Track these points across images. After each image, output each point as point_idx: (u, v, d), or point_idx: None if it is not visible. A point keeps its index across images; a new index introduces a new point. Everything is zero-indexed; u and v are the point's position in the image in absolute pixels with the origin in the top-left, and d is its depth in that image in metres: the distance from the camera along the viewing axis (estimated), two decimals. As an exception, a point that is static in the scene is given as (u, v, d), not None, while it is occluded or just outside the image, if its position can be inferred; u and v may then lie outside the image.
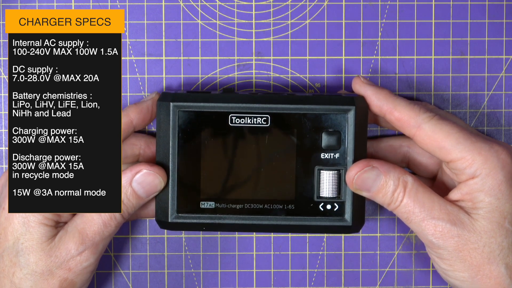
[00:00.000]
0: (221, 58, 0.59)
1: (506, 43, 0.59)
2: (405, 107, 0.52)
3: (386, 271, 0.60)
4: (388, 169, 0.52)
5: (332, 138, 0.53)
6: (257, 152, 0.54)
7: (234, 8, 0.58)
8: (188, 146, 0.54)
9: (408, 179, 0.52)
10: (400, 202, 0.52)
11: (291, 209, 0.54)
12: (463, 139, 0.51)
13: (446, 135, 0.51)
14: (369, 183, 0.52)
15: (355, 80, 0.54)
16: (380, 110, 0.53)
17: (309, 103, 0.53)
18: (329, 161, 0.54)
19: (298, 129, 0.53)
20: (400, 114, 0.52)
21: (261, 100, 0.53)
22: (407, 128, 0.52)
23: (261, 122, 0.53)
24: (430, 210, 0.51)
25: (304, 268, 0.60)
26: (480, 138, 0.51)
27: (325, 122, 0.53)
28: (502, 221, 0.51)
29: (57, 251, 0.52)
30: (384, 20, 0.59)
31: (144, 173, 0.53)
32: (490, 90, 0.59)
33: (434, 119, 0.52)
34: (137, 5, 0.58)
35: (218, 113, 0.53)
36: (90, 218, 0.53)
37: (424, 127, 0.51)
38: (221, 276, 0.60)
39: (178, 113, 0.53)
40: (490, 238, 0.51)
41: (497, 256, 0.51)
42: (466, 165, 0.51)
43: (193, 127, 0.53)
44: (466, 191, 0.51)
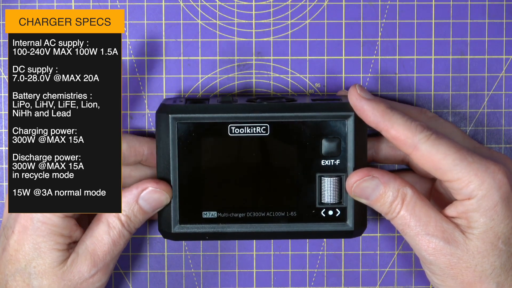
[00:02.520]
0: (221, 58, 0.59)
1: (506, 43, 0.59)
2: (402, 126, 0.51)
3: (386, 271, 0.60)
4: (388, 180, 0.52)
5: (332, 144, 0.53)
6: (257, 161, 0.54)
7: (234, 8, 0.58)
8: (188, 157, 0.53)
9: (408, 191, 0.52)
10: (397, 213, 0.52)
11: (293, 216, 0.54)
12: (459, 161, 0.50)
13: (443, 157, 0.50)
14: (368, 192, 0.52)
15: (351, 92, 0.53)
16: (376, 127, 0.52)
17: (308, 111, 0.53)
18: (330, 168, 0.54)
19: (297, 137, 0.53)
20: (396, 133, 0.51)
21: (260, 109, 0.53)
22: (403, 147, 0.51)
23: (261, 131, 0.53)
24: (425, 226, 0.51)
25: (304, 268, 0.60)
26: (477, 158, 0.51)
27: (325, 129, 0.53)
28: (496, 241, 0.50)
29: (70, 274, 0.52)
30: (384, 20, 0.58)
31: (150, 191, 0.53)
32: (490, 90, 0.59)
33: (431, 140, 0.51)
34: (137, 5, 0.58)
35: (217, 124, 0.53)
36: (100, 239, 0.53)
37: (421, 148, 0.51)
38: (221, 276, 0.60)
39: (177, 125, 0.53)
40: (483, 257, 0.50)
41: (488, 275, 0.51)
42: (463, 186, 0.50)
43: (193, 138, 0.53)
44: (462, 210, 0.51)
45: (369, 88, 0.59)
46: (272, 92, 0.59)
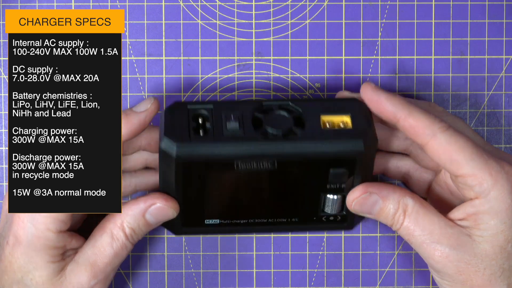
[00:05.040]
0: (221, 58, 0.59)
1: (506, 43, 0.59)
2: (421, 115, 0.50)
3: (386, 271, 0.60)
4: (387, 194, 0.52)
5: (339, 173, 0.52)
6: (263, 188, 0.53)
7: (234, 8, 0.58)
8: (192, 183, 0.53)
9: (408, 201, 0.51)
10: (401, 224, 0.51)
11: (295, 221, 0.55)
12: (476, 156, 0.49)
13: (461, 149, 0.49)
14: (368, 208, 0.52)
15: (366, 87, 0.52)
16: (393, 117, 0.51)
17: (317, 149, 0.51)
18: (335, 190, 0.53)
19: (305, 169, 0.52)
20: (415, 121, 0.50)
21: (268, 147, 0.51)
22: (420, 136, 0.50)
23: (268, 166, 0.52)
24: (430, 234, 0.51)
25: (304, 268, 0.60)
26: (492, 157, 0.50)
27: (333, 162, 0.52)
28: (505, 245, 0.50)
29: (69, 285, 0.52)
30: (384, 20, 0.58)
31: (159, 207, 0.53)
32: (490, 90, 0.59)
33: (450, 130, 0.50)
34: (137, 5, 0.58)
35: (224, 161, 0.51)
36: (102, 250, 0.53)
37: (439, 137, 0.50)
38: (221, 276, 0.60)
39: (182, 164, 0.51)
40: (491, 260, 0.50)
41: (498, 277, 0.50)
42: (476, 183, 0.50)
43: (198, 171, 0.52)
44: (472, 211, 0.50)
45: (369, 88, 0.59)
46: (272, 93, 0.59)
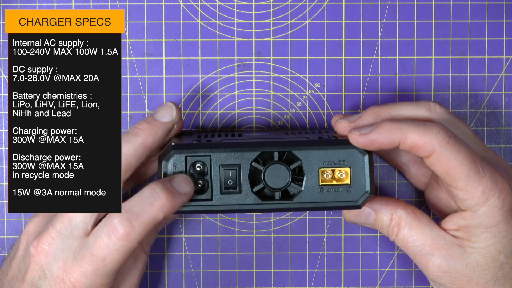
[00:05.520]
0: (221, 58, 0.59)
1: (506, 43, 0.59)
2: (415, 133, 0.49)
3: (386, 271, 0.60)
4: (379, 206, 0.53)
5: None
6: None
7: (234, 8, 0.58)
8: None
9: (401, 213, 0.52)
10: (396, 235, 0.52)
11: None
12: (473, 172, 0.49)
13: (459, 165, 0.49)
14: (363, 220, 0.54)
15: (351, 137, 0.50)
16: (393, 145, 0.50)
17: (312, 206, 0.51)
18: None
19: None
20: (412, 141, 0.49)
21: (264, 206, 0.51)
22: (422, 153, 0.50)
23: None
24: (422, 245, 0.51)
25: (304, 268, 0.60)
26: (488, 172, 0.50)
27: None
28: (497, 256, 0.50)
29: None
30: (384, 20, 0.58)
31: None
32: (490, 90, 0.59)
33: (450, 144, 0.49)
34: (137, 5, 0.58)
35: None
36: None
37: (439, 151, 0.49)
38: (221, 276, 0.60)
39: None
40: (483, 270, 0.51)
41: (492, 286, 0.51)
42: (468, 198, 0.50)
43: None
44: (463, 224, 0.51)
45: (369, 88, 0.59)
46: (272, 93, 0.59)
